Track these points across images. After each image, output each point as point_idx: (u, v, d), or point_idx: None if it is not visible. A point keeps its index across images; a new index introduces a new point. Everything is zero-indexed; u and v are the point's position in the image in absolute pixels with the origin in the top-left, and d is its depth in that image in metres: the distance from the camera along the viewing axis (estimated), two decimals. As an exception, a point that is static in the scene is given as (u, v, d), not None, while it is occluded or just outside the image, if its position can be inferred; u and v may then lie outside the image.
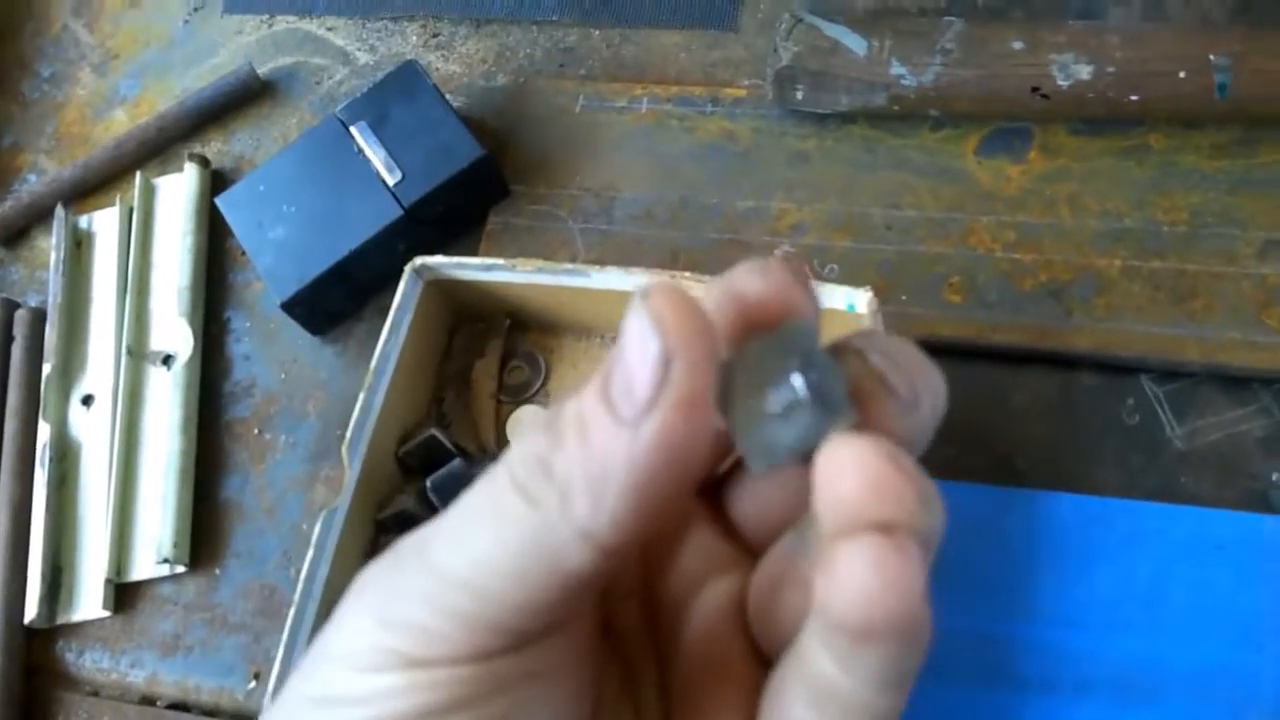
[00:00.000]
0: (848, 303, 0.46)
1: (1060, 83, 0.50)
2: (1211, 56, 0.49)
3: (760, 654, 0.22)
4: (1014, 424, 0.49)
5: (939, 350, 0.50)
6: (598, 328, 0.52)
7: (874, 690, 0.19)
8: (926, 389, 0.20)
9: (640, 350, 0.18)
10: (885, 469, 0.18)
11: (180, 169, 0.62)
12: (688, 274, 0.48)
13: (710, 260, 0.54)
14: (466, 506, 0.20)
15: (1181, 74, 0.49)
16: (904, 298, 0.51)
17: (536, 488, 0.19)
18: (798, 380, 0.19)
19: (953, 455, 0.49)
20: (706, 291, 0.21)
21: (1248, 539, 0.45)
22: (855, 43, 0.53)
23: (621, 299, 0.49)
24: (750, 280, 0.20)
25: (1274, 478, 0.46)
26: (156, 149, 0.64)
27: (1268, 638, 0.43)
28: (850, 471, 0.18)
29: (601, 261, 0.53)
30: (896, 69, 0.52)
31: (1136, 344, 0.48)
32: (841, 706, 0.20)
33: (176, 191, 0.62)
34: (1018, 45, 0.51)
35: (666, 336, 0.18)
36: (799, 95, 0.54)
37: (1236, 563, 0.45)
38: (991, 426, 0.49)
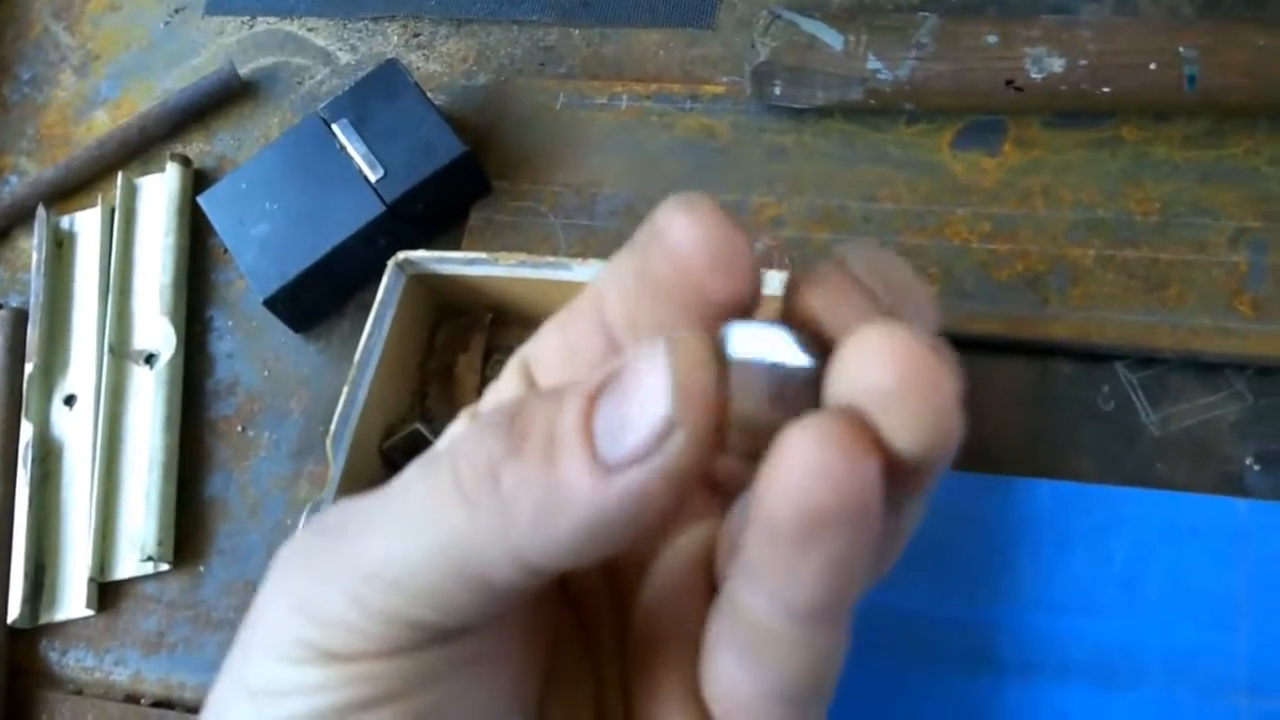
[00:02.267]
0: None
1: (1033, 76, 0.51)
2: (1181, 49, 0.50)
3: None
4: (991, 412, 0.50)
5: (917, 340, 0.50)
6: (579, 321, 0.53)
7: (807, 623, 0.18)
8: (917, 302, 0.19)
9: (647, 402, 0.17)
10: (924, 362, 0.17)
11: (162, 169, 0.62)
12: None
13: (690, 254, 0.54)
14: (399, 495, 0.19)
15: (1152, 66, 0.50)
16: (882, 289, 0.52)
17: (478, 495, 0.17)
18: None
19: (932, 443, 0.49)
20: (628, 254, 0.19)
21: (1222, 522, 0.46)
22: (832, 38, 0.54)
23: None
24: (681, 233, 0.18)
25: (1247, 461, 0.47)
26: (138, 149, 0.64)
27: (1243, 620, 0.44)
28: (882, 354, 0.16)
29: (582, 257, 0.53)
30: (873, 64, 0.53)
31: (1111, 332, 0.49)
32: (771, 651, 0.18)
33: (158, 191, 0.62)
34: (991, 39, 0.52)
35: (682, 402, 0.16)
36: (777, 91, 0.55)
37: (1212, 546, 0.45)
38: (971, 415, 0.49)
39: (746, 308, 0.19)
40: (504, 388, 0.21)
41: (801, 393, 0.18)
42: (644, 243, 0.19)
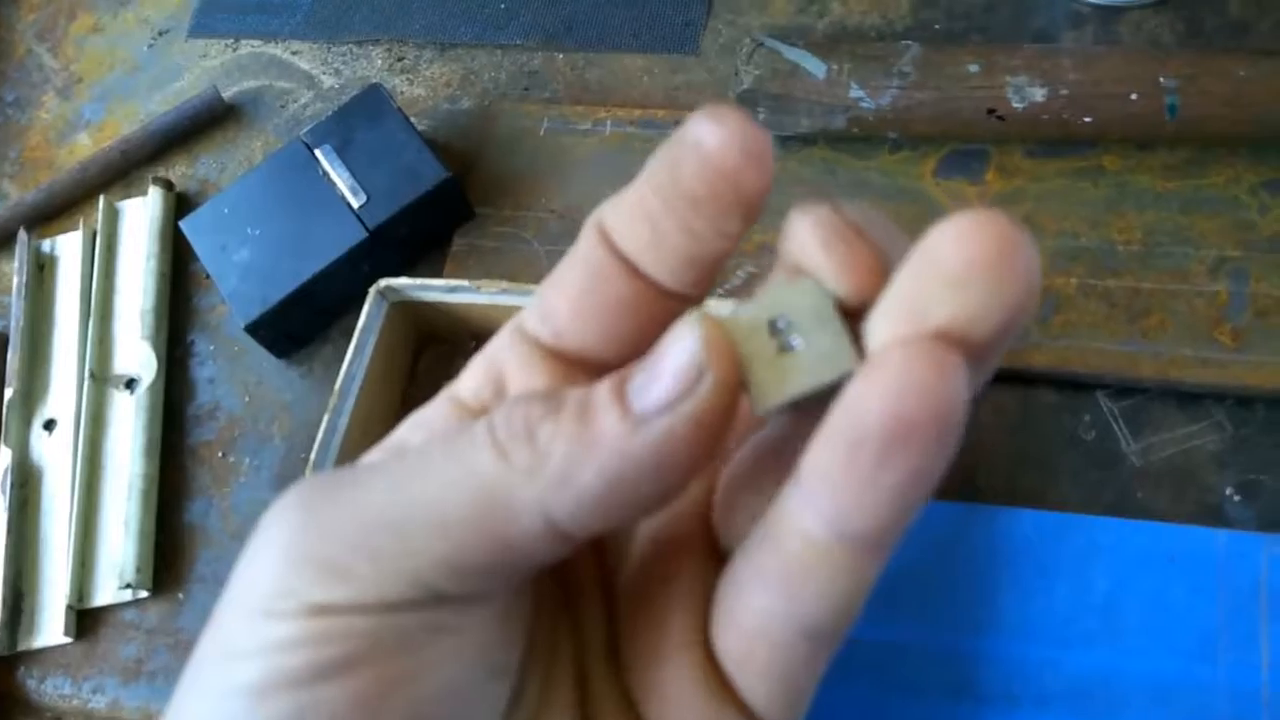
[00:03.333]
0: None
1: (1015, 105, 0.51)
2: (1161, 79, 0.50)
3: (717, 555, 0.21)
4: (974, 440, 0.50)
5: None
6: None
7: (860, 546, 0.18)
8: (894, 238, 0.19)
9: (677, 353, 0.18)
10: (1014, 244, 0.16)
11: (144, 192, 0.62)
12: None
13: (673, 281, 0.54)
14: (423, 451, 0.19)
15: (1133, 96, 0.50)
16: (865, 317, 0.52)
17: (512, 446, 0.18)
18: (811, 339, 0.18)
19: (914, 472, 0.49)
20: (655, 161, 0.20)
21: (1202, 552, 0.46)
22: (815, 66, 0.54)
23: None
24: (709, 136, 0.19)
25: (1227, 491, 0.47)
26: (120, 172, 0.64)
27: (1223, 650, 0.44)
28: (975, 241, 0.16)
29: (565, 283, 0.53)
30: (855, 92, 0.53)
31: (1093, 361, 0.49)
32: (813, 579, 0.18)
33: (140, 215, 0.62)
34: (973, 68, 0.52)
35: (711, 352, 0.18)
36: (760, 118, 0.55)
37: (1192, 576, 0.45)
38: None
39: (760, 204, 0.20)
40: (496, 353, 0.22)
41: (818, 338, 0.18)
42: (669, 159, 0.20)
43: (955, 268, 0.16)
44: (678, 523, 0.22)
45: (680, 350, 0.18)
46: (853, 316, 0.18)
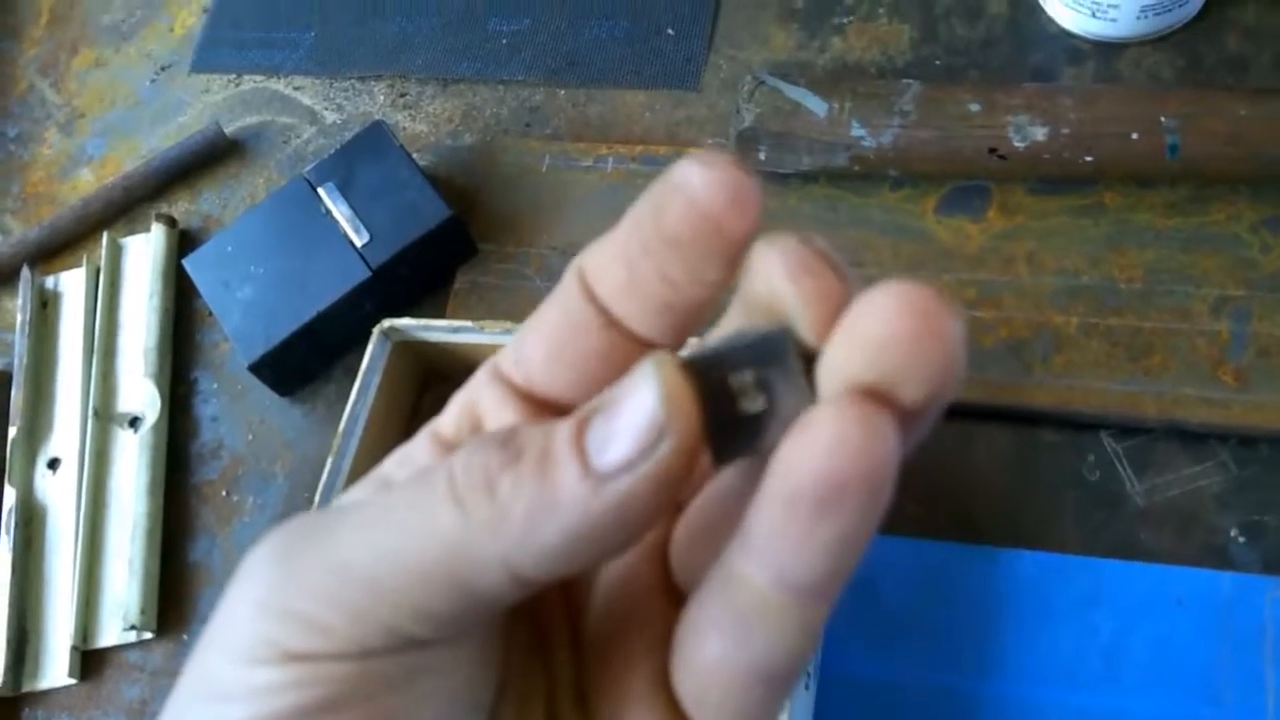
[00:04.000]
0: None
1: (1016, 144, 0.51)
2: (1162, 118, 0.50)
3: (678, 598, 0.22)
4: (975, 481, 0.50)
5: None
6: (565, 388, 0.53)
7: (805, 596, 0.18)
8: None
9: (637, 412, 0.18)
10: (938, 311, 0.17)
11: (147, 229, 0.62)
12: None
13: (676, 319, 0.54)
14: (388, 502, 0.19)
15: (1134, 135, 0.50)
16: (867, 356, 0.52)
17: (473, 501, 0.18)
18: (760, 398, 0.18)
19: (915, 512, 0.49)
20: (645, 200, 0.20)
21: (1207, 595, 0.46)
22: (816, 104, 0.54)
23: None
24: (698, 181, 0.19)
25: (1232, 533, 0.47)
26: (123, 209, 0.64)
27: (1228, 693, 0.44)
28: (893, 313, 0.17)
29: (568, 321, 0.54)
30: (856, 130, 0.53)
31: (1095, 400, 0.49)
32: (763, 627, 0.19)
33: (143, 252, 0.62)
34: (974, 107, 0.52)
35: (671, 411, 0.18)
36: (761, 156, 0.55)
37: (1197, 619, 0.45)
38: (953, 483, 0.50)
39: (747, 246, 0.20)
40: (473, 394, 0.22)
41: (782, 390, 0.18)
42: (654, 202, 0.20)
43: (882, 336, 0.17)
44: (639, 566, 0.22)
45: (640, 408, 0.18)
46: (811, 360, 0.18)
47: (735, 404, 0.18)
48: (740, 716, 0.20)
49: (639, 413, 0.18)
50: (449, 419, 0.22)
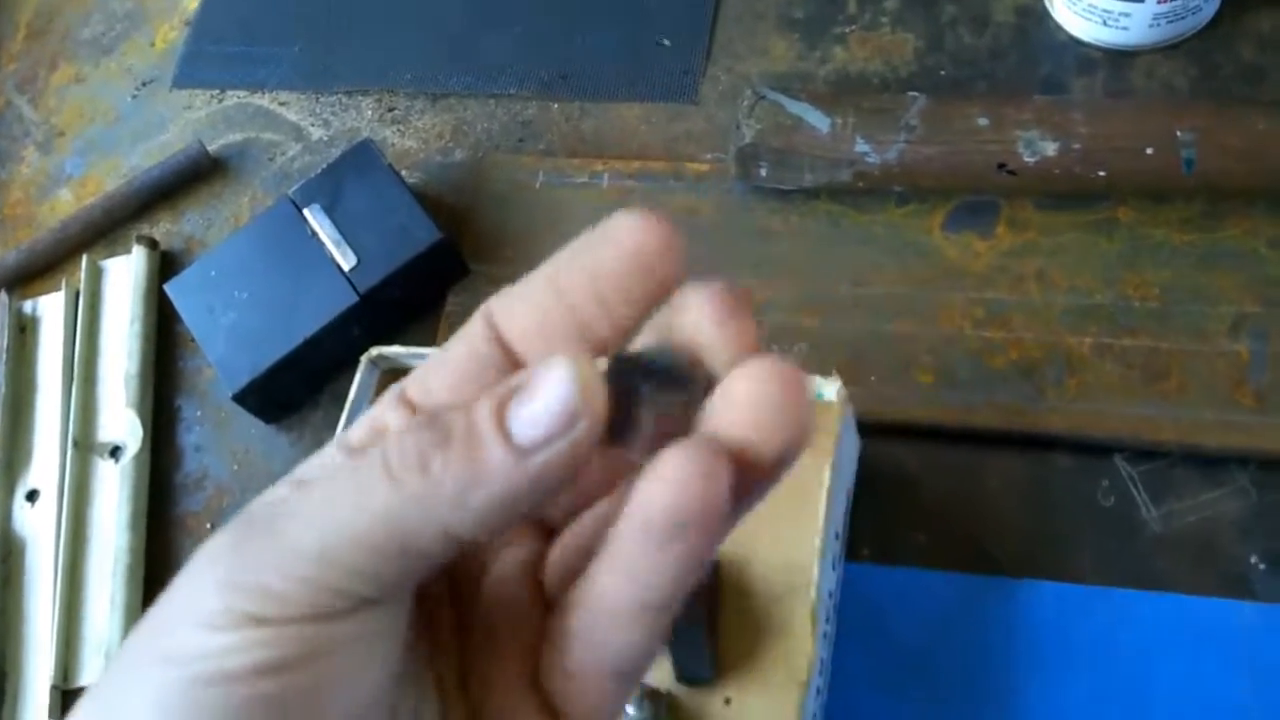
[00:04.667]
0: (817, 391, 0.45)
1: (1026, 159, 0.50)
2: (1178, 132, 0.48)
3: (550, 610, 0.24)
4: (988, 508, 0.48)
5: (911, 432, 0.49)
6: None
7: (653, 608, 0.21)
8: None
9: (557, 396, 0.20)
10: (798, 391, 0.20)
11: (128, 251, 0.60)
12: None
13: (675, 342, 0.52)
14: (323, 485, 0.22)
15: (1148, 150, 0.49)
16: (873, 378, 0.50)
17: (408, 478, 0.21)
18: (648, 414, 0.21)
19: (925, 542, 0.48)
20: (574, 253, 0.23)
21: (1229, 626, 0.44)
22: (818, 120, 0.52)
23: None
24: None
25: (1252, 560, 0.45)
26: (103, 230, 0.62)
27: (1253, 728, 0.43)
28: (772, 387, 0.20)
29: (564, 345, 0.52)
30: (860, 146, 0.52)
31: (1110, 424, 0.47)
32: (618, 633, 0.22)
33: (124, 275, 0.60)
34: (982, 122, 0.50)
35: (585, 398, 0.20)
36: (762, 172, 0.53)
37: (1218, 651, 0.44)
38: (965, 511, 0.48)
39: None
40: (380, 415, 0.24)
41: (675, 405, 0.21)
42: (583, 250, 0.23)
43: (744, 401, 0.20)
44: (518, 576, 0.25)
45: (559, 394, 0.20)
46: (708, 390, 0.21)
47: (635, 406, 0.21)
48: (598, 708, 0.23)
49: (558, 398, 0.20)
50: (358, 433, 0.24)
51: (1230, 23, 0.55)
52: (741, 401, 0.20)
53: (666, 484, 0.20)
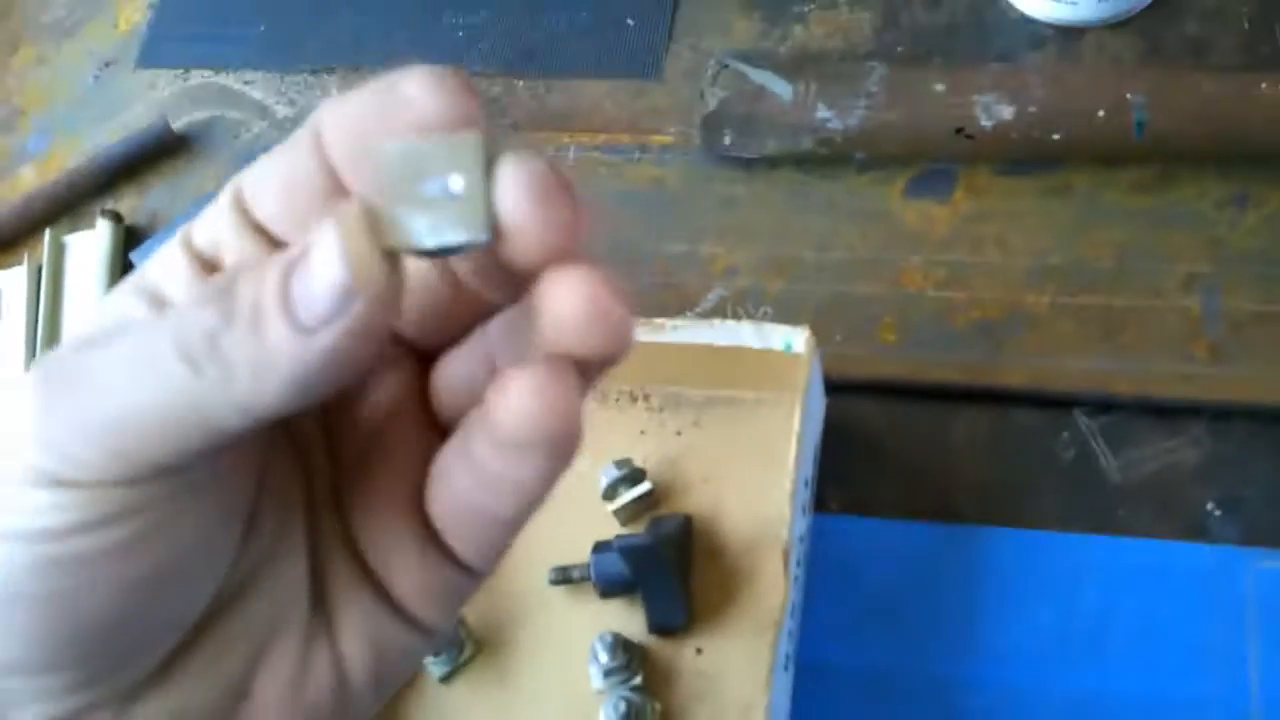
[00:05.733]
0: (785, 342, 0.46)
1: (983, 123, 0.51)
2: (1129, 95, 0.50)
3: (438, 427, 0.24)
4: (951, 462, 0.49)
5: (876, 389, 0.50)
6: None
7: (534, 478, 0.21)
8: (584, 208, 0.21)
9: (327, 275, 0.19)
10: (608, 300, 0.20)
11: (92, 226, 0.60)
12: (622, 318, 0.47)
13: (645, 305, 0.53)
14: (126, 345, 0.21)
15: (1101, 113, 0.50)
16: (839, 338, 0.51)
17: (201, 359, 0.20)
18: (456, 180, 0.19)
19: (891, 494, 0.48)
20: (366, 96, 0.21)
21: (1188, 569, 0.45)
22: (781, 88, 0.53)
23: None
24: (424, 94, 0.20)
25: (1209, 506, 0.46)
26: (68, 206, 0.62)
27: (1211, 666, 0.44)
28: (572, 299, 0.20)
29: (532, 309, 0.52)
30: (822, 113, 0.53)
31: (1068, 379, 0.49)
32: (498, 488, 0.22)
33: (88, 249, 0.60)
34: (940, 87, 0.52)
35: (354, 272, 0.19)
36: (727, 140, 0.54)
37: (1178, 593, 0.45)
38: (929, 465, 0.49)
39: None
40: (215, 217, 0.23)
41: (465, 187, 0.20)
42: (383, 90, 0.21)
43: (563, 312, 0.20)
44: (402, 395, 0.24)
45: (327, 271, 0.19)
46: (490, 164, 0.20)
47: (419, 202, 0.20)
48: (483, 540, 0.23)
49: (327, 277, 0.19)
50: (201, 231, 0.23)
51: (1176, -1, 0.57)
52: (556, 322, 0.20)
53: (509, 409, 0.20)
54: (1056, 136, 0.51)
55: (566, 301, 0.20)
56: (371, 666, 0.24)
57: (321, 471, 0.24)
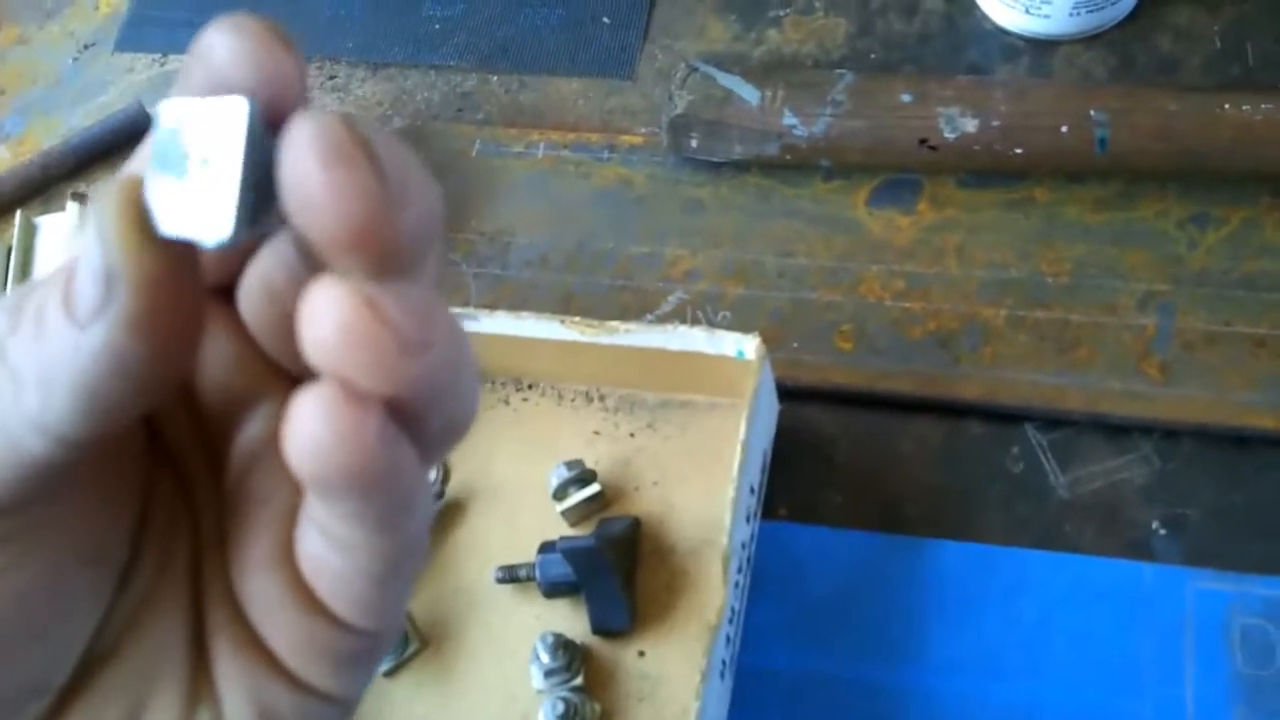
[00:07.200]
0: (737, 349, 0.46)
1: (947, 135, 0.51)
2: (1092, 112, 0.50)
3: None
4: (902, 472, 0.49)
5: (830, 397, 0.50)
6: (488, 373, 0.52)
7: (358, 530, 0.19)
8: (415, 185, 0.17)
9: (90, 261, 0.17)
10: (355, 318, 0.16)
11: (63, 208, 0.60)
12: (578, 319, 0.47)
13: (604, 306, 0.53)
14: None
15: (1063, 128, 0.50)
16: (795, 345, 0.51)
17: None
18: (214, 156, 0.17)
19: (840, 502, 0.49)
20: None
21: (1129, 587, 0.45)
22: (748, 93, 0.53)
23: (513, 344, 0.49)
24: (221, 43, 0.17)
25: (1154, 525, 0.47)
26: (40, 187, 0.62)
27: (1148, 684, 0.44)
28: (317, 316, 0.16)
29: (494, 307, 0.53)
30: (789, 119, 0.53)
31: (1021, 393, 0.49)
32: (341, 544, 0.19)
33: (59, 231, 0.60)
34: (906, 98, 0.52)
35: (110, 253, 0.17)
36: (693, 143, 0.54)
37: (1118, 610, 0.45)
38: (879, 474, 0.49)
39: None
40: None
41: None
42: (195, 43, 0.18)
43: (313, 332, 0.17)
44: (269, 437, 0.21)
45: (91, 258, 0.17)
46: (275, 128, 0.17)
47: (178, 180, 0.17)
48: (356, 600, 0.20)
49: (91, 263, 0.17)
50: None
51: (1149, 15, 0.57)
52: (310, 341, 0.17)
53: (297, 447, 0.17)
54: (1019, 150, 0.51)
55: (318, 317, 0.17)
56: None
57: (208, 515, 0.22)
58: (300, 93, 0.18)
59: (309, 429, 0.17)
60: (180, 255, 0.17)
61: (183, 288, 0.17)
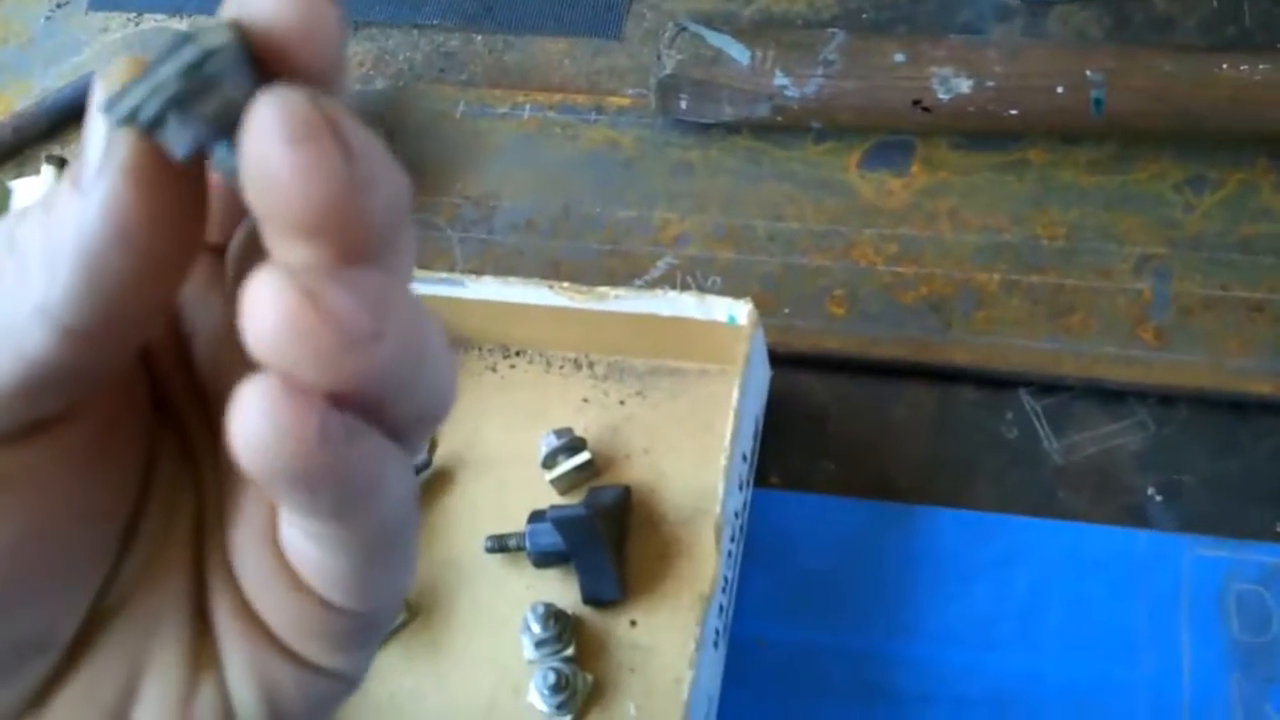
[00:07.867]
0: (729, 314, 0.45)
1: (940, 96, 0.50)
2: (1088, 72, 0.49)
3: None
4: (894, 438, 0.49)
5: (822, 363, 0.49)
6: (474, 339, 0.51)
7: (316, 521, 0.18)
8: (382, 168, 0.17)
9: (89, 128, 0.17)
10: (293, 311, 0.16)
11: (37, 171, 0.59)
12: (566, 284, 0.46)
13: (592, 271, 0.52)
14: None
15: (1059, 89, 0.49)
16: (787, 310, 0.50)
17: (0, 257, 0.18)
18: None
19: (832, 470, 0.48)
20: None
21: (1124, 554, 0.45)
22: (738, 53, 0.52)
23: (501, 310, 0.48)
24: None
25: (1149, 491, 0.46)
26: (13, 150, 0.61)
27: (1144, 652, 0.44)
28: (255, 308, 0.16)
29: (480, 272, 0.52)
30: (779, 80, 0.52)
31: (1015, 358, 0.48)
32: (309, 533, 0.19)
33: (33, 195, 0.59)
34: (899, 58, 0.51)
35: (112, 99, 0.17)
36: (682, 105, 0.53)
37: (1113, 578, 0.45)
38: (872, 441, 0.49)
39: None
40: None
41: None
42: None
43: (253, 324, 0.16)
44: None
45: (94, 122, 0.17)
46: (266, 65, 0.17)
47: (172, 87, 0.17)
48: (339, 584, 0.20)
49: (94, 131, 0.17)
50: None
51: (1144, -26, 0.56)
52: (249, 333, 0.16)
53: (241, 440, 0.16)
54: (1014, 112, 0.50)
55: (256, 310, 0.16)
56: (264, 707, 0.21)
57: (210, 481, 0.22)
58: (327, 57, 0.17)
59: (250, 424, 0.16)
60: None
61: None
